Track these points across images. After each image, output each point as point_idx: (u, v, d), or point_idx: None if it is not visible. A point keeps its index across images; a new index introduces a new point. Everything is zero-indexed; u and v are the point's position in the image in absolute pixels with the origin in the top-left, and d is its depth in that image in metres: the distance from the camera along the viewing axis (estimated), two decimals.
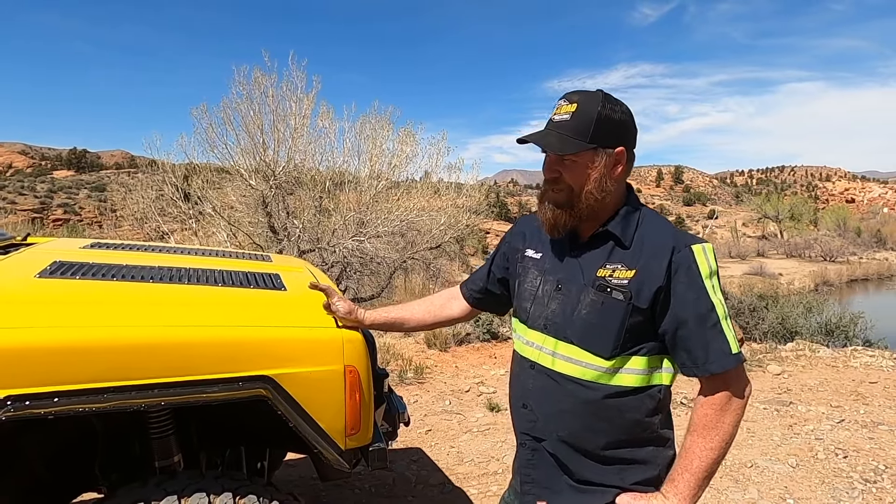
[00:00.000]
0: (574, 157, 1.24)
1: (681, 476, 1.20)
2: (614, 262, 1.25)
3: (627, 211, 1.30)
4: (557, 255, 1.35)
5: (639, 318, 1.21)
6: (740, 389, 1.21)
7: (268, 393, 1.50)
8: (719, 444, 1.19)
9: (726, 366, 1.18)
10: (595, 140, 1.22)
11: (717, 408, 1.20)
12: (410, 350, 6.60)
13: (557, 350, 1.29)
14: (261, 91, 9.08)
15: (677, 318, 1.19)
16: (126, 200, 13.04)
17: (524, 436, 1.37)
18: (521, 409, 1.37)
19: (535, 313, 1.35)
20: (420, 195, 10.67)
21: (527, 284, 1.40)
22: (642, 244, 1.25)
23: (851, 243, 39.19)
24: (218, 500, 1.45)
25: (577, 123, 1.22)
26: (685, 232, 1.30)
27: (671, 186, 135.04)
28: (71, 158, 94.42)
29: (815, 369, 6.02)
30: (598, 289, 1.23)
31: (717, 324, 1.18)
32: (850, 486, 3.35)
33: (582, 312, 1.25)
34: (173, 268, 1.94)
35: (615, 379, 1.24)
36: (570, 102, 1.24)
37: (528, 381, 1.35)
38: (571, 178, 1.25)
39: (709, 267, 1.20)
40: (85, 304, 1.49)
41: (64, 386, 1.32)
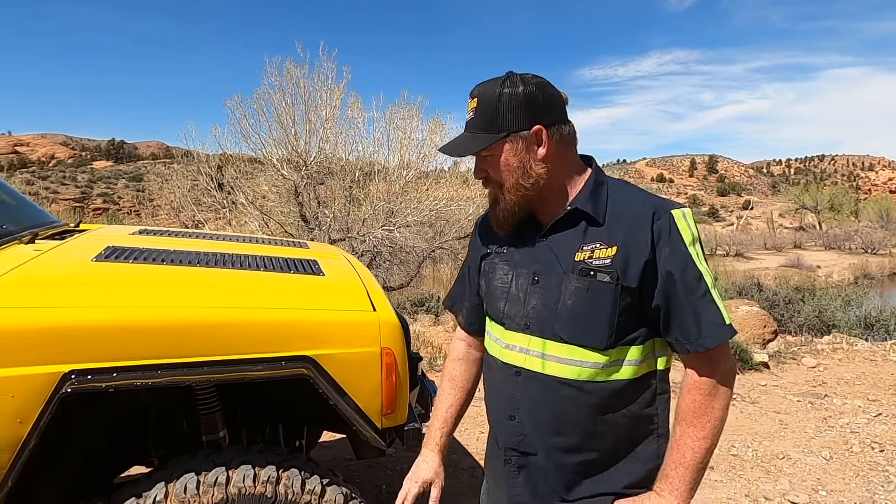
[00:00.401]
0: (486, 154, 1.17)
1: (675, 471, 1.10)
2: (591, 242, 1.13)
3: (594, 184, 1.18)
4: (526, 245, 1.22)
5: (629, 299, 1.10)
6: (728, 369, 1.12)
7: (309, 372, 1.58)
8: (711, 432, 1.10)
9: (721, 338, 1.08)
10: (504, 127, 1.13)
11: (705, 392, 1.10)
12: (440, 338, 6.68)
13: (547, 351, 1.16)
14: (293, 82, 9.22)
15: (667, 291, 1.09)
16: (162, 190, 13.41)
17: (510, 451, 1.22)
18: (506, 422, 1.22)
19: (511, 312, 1.21)
20: (449, 185, 10.72)
21: (496, 281, 1.26)
22: (617, 217, 1.14)
23: (894, 235, 37.84)
24: (263, 473, 1.54)
25: (480, 118, 1.16)
26: (659, 196, 1.19)
27: (705, 176, 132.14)
28: (109, 149, 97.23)
29: (852, 363, 5.89)
30: (581, 273, 1.11)
31: (707, 293, 1.09)
32: (887, 479, 3.30)
33: (567, 303, 1.13)
34: (217, 253, 2.03)
35: (614, 374, 1.13)
36: (472, 98, 1.18)
37: (515, 391, 1.20)
38: (496, 174, 1.18)
39: (691, 233, 1.11)
40: (139, 286, 1.59)
41: (122, 362, 1.42)
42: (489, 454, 1.33)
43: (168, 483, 1.48)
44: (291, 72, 9.13)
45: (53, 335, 1.37)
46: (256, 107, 9.34)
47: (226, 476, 1.50)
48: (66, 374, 1.37)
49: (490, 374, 1.31)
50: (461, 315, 1.47)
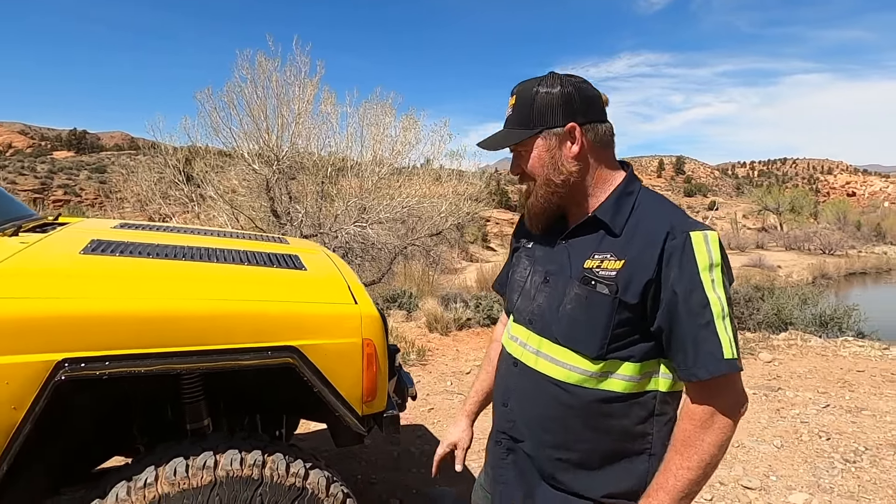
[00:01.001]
0: (523, 147, 1.21)
1: (656, 493, 1.08)
2: (603, 252, 1.14)
3: (621, 194, 1.18)
4: (548, 245, 1.27)
5: (627, 314, 1.09)
6: (729, 405, 1.06)
7: (294, 361, 1.66)
8: (697, 465, 1.05)
9: (714, 372, 1.03)
10: (538, 123, 1.17)
11: (696, 423, 1.06)
12: (413, 333, 6.77)
13: (541, 349, 1.20)
14: (265, 75, 9.15)
15: (669, 313, 1.06)
16: (128, 182, 13.12)
17: (501, 434, 1.30)
18: (501, 408, 1.30)
19: (520, 306, 1.29)
20: (422, 182, 10.79)
21: (517, 275, 1.33)
22: (635, 230, 1.13)
23: (851, 237, 39.32)
24: (249, 457, 1.61)
25: (517, 113, 1.19)
26: (688, 217, 1.14)
27: (672, 177, 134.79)
28: (71, 139, 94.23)
29: (805, 358, 6.20)
30: (583, 282, 1.13)
31: (711, 323, 1.03)
32: (831, 465, 3.53)
33: (567, 307, 1.15)
34: (201, 247, 2.09)
35: (603, 384, 1.13)
36: (512, 95, 1.22)
37: (510, 380, 1.28)
38: (529, 169, 1.21)
39: (709, 258, 1.05)
40: (129, 278, 1.65)
41: (114, 351, 1.48)
42: (489, 438, 1.42)
43: (158, 467, 1.54)
44: (263, 65, 9.07)
45: (46, 325, 1.42)
46: (227, 100, 9.25)
47: (214, 460, 1.57)
48: (59, 362, 1.41)
49: (499, 363, 1.41)
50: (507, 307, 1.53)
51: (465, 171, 11.75)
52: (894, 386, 5.13)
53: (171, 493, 1.49)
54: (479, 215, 15.37)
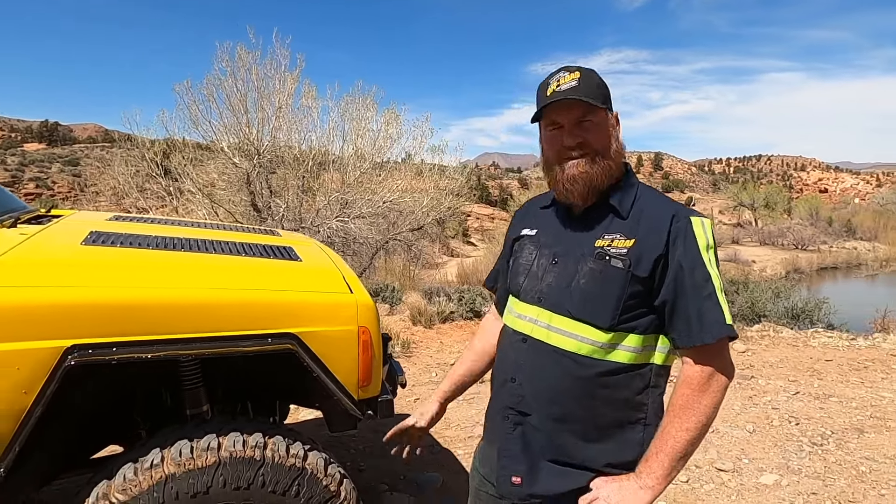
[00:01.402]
0: (593, 118, 1.26)
1: (655, 456, 1.18)
2: (612, 233, 1.25)
3: (626, 183, 1.31)
4: (554, 230, 1.36)
5: (638, 287, 1.20)
6: (722, 368, 1.19)
7: (294, 348, 1.73)
8: (695, 426, 1.16)
9: (720, 334, 1.16)
10: (605, 102, 1.27)
11: (695, 387, 1.18)
12: (397, 326, 6.85)
13: (552, 323, 1.27)
14: (245, 68, 9.11)
15: (675, 286, 1.19)
16: (103, 175, 12.90)
17: (508, 409, 1.34)
18: (508, 384, 1.34)
19: (527, 286, 1.35)
20: (403, 176, 10.83)
21: (522, 259, 1.40)
22: (640, 215, 1.26)
23: (823, 232, 40.23)
24: (251, 439, 1.68)
25: (587, 87, 1.24)
26: (683, 205, 1.32)
27: (651, 173, 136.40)
28: (42, 131, 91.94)
29: (777, 348, 6.42)
30: (597, 257, 1.23)
31: (713, 294, 1.17)
32: (800, 448, 3.71)
33: (580, 283, 1.24)
34: (198, 239, 2.14)
35: (610, 355, 1.23)
36: (572, 72, 1.27)
37: (519, 356, 1.33)
38: (595, 139, 1.26)
39: (706, 239, 1.21)
40: (133, 268, 1.71)
41: (121, 337, 1.54)
42: (488, 416, 1.47)
43: (163, 449, 1.61)
44: (243, 58, 9.02)
45: (55, 312, 1.47)
46: (207, 92, 9.19)
47: (217, 442, 1.64)
48: (68, 348, 1.47)
49: (502, 341, 1.45)
50: (495, 294, 1.64)
51: (447, 166, 11.80)
52: (860, 374, 5.36)
53: (177, 473, 1.56)
54: (460, 210, 15.46)
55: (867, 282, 25.48)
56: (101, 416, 2.00)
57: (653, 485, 1.17)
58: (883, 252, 32.39)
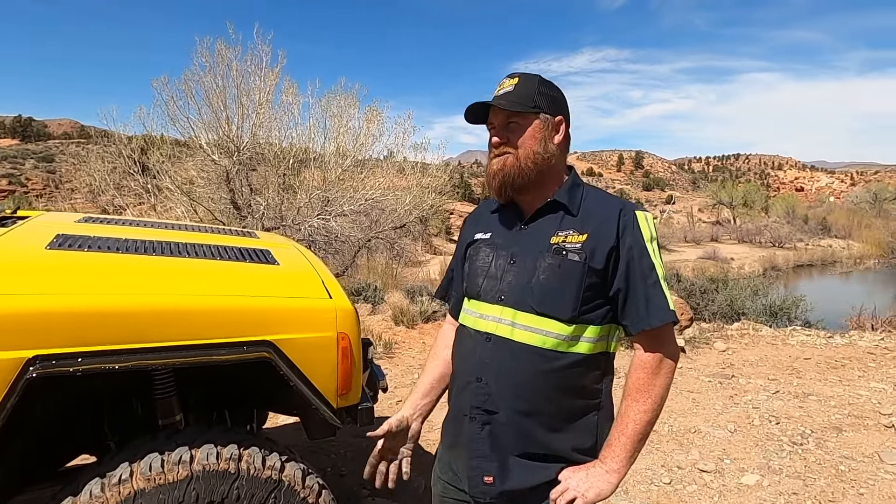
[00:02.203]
0: (519, 120, 1.34)
1: (617, 440, 1.26)
2: (566, 229, 1.32)
3: (573, 184, 1.39)
4: (508, 232, 1.41)
5: (594, 278, 1.27)
6: (671, 351, 1.29)
7: (270, 356, 1.67)
8: (651, 407, 1.26)
9: (663, 319, 1.26)
10: (538, 106, 1.34)
11: (648, 371, 1.27)
12: (379, 326, 6.78)
13: (517, 320, 1.31)
14: (224, 64, 8.94)
15: (627, 275, 1.27)
16: (78, 172, 12.62)
17: (475, 409, 1.35)
18: (473, 384, 1.35)
19: (487, 287, 1.38)
20: (385, 174, 10.74)
21: (478, 262, 1.42)
22: (590, 211, 1.34)
23: (799, 230, 40.96)
24: (225, 451, 1.62)
25: (519, 93, 1.34)
26: (628, 200, 1.40)
27: (631, 171, 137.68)
28: (15, 126, 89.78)
29: (756, 347, 6.48)
30: (555, 252, 1.29)
31: (658, 283, 1.27)
32: (780, 448, 3.73)
33: (541, 278, 1.29)
34: (171, 242, 2.07)
35: (573, 347, 1.29)
36: (512, 78, 1.37)
37: (484, 355, 1.35)
38: (518, 139, 1.34)
39: (650, 231, 1.30)
40: (99, 273, 1.63)
41: (87, 347, 1.46)
42: (447, 420, 1.46)
43: (132, 462, 1.53)
44: (223, 53, 8.86)
45: (16, 321, 1.39)
46: (185, 88, 9.00)
47: (189, 454, 1.57)
48: (30, 359, 1.39)
49: (461, 343, 1.45)
50: (450, 303, 1.63)
51: (429, 163, 11.73)
52: (837, 372, 5.43)
53: (147, 488, 1.49)
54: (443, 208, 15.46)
55: (842, 279, 25.99)
56: (67, 426, 1.92)
57: (618, 468, 1.25)
58: (857, 249, 33.07)
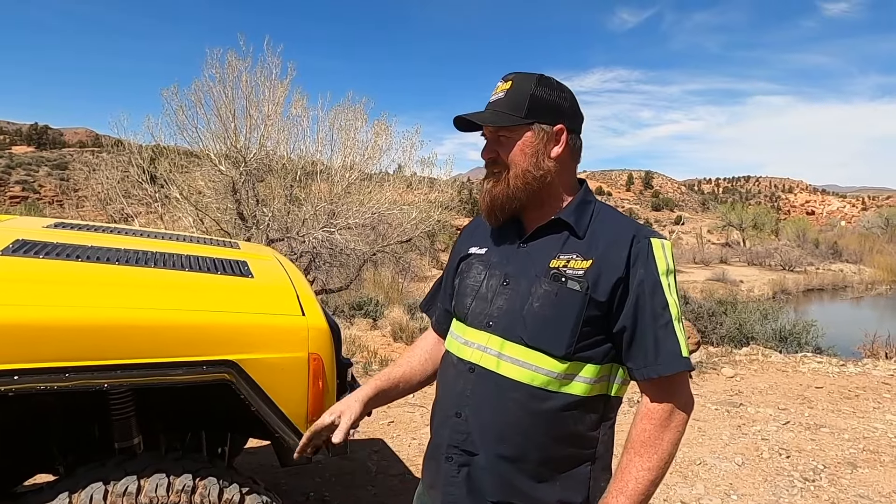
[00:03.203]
0: (507, 133, 1.19)
1: (615, 499, 1.08)
2: (568, 253, 1.15)
3: (581, 201, 1.22)
4: (505, 249, 1.25)
5: (595, 312, 1.11)
6: (683, 402, 1.12)
7: (231, 377, 1.52)
8: (657, 465, 1.08)
9: (675, 368, 1.08)
10: (530, 115, 1.17)
11: (657, 423, 1.10)
12: (377, 342, 6.64)
13: (504, 351, 1.16)
14: (234, 75, 8.94)
15: (635, 312, 1.10)
16: (89, 180, 12.68)
17: (452, 448, 1.20)
18: (452, 419, 1.21)
19: (475, 310, 1.23)
20: (392, 188, 10.66)
21: (469, 280, 1.28)
22: (598, 234, 1.17)
23: (809, 254, 40.57)
24: (178, 482, 1.47)
25: (510, 100, 1.18)
26: (643, 225, 1.23)
27: (641, 191, 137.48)
28: (32, 134, 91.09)
29: (766, 373, 6.26)
30: (552, 279, 1.13)
31: (670, 323, 1.10)
32: (791, 483, 3.52)
33: (534, 306, 1.13)
34: (139, 251, 1.94)
35: (565, 387, 1.13)
36: (506, 81, 1.21)
37: (466, 387, 1.20)
38: (507, 156, 1.20)
39: (666, 263, 1.13)
40: (47, 283, 1.49)
41: (25, 364, 1.32)
42: (427, 456, 1.31)
43: (73, 493, 1.39)
44: (233, 64, 8.86)
45: None
46: (194, 98, 8.99)
47: (137, 485, 1.42)
48: None
49: (444, 371, 1.31)
50: (433, 317, 1.49)
51: (437, 178, 11.65)
52: (851, 403, 5.21)
53: None
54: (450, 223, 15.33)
55: (853, 304, 25.60)
56: (13, 445, 1.77)
57: None
58: (868, 275, 32.68)
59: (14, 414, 1.70)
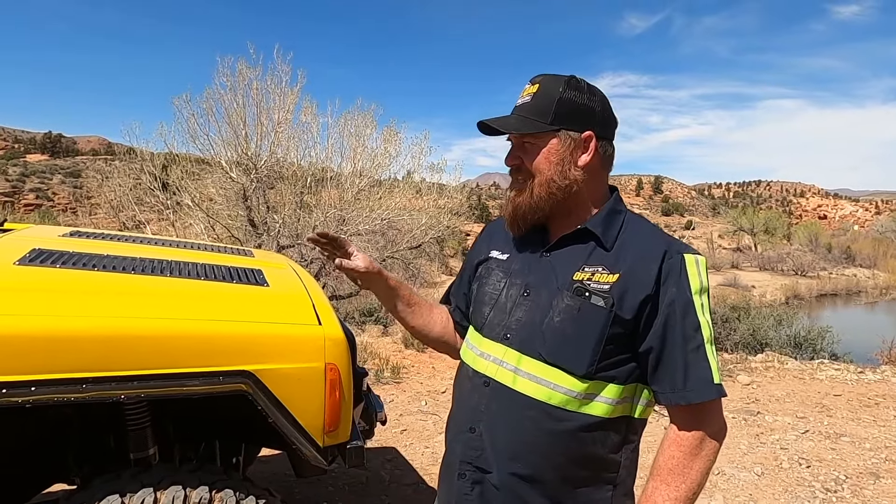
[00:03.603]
0: (532, 140, 1.14)
1: None
2: (594, 265, 1.10)
3: (610, 210, 1.16)
4: (527, 257, 1.20)
5: (620, 329, 1.05)
6: (715, 430, 1.06)
7: (248, 388, 1.51)
8: (685, 495, 1.02)
9: (705, 396, 1.03)
10: (557, 122, 1.11)
11: (686, 450, 1.04)
12: (388, 349, 6.61)
13: (521, 366, 1.11)
14: (245, 83, 9.02)
15: (664, 333, 1.04)
16: (102, 188, 12.80)
17: (466, 465, 1.16)
18: (466, 434, 1.16)
19: (493, 320, 1.18)
20: (402, 194, 10.67)
21: (488, 287, 1.23)
22: (627, 247, 1.11)
23: (822, 258, 40.15)
24: (194, 494, 1.45)
25: (537, 104, 1.13)
26: (677, 239, 1.17)
27: (650, 196, 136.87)
28: (45, 142, 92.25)
29: (782, 381, 6.16)
30: (576, 293, 1.07)
31: (702, 346, 1.04)
32: (812, 494, 3.45)
33: (554, 320, 1.08)
34: (154, 259, 1.93)
35: (585, 407, 1.07)
36: (533, 84, 1.16)
37: (480, 402, 1.15)
38: (531, 164, 1.14)
39: (700, 281, 1.06)
40: (65, 293, 1.48)
41: (42, 375, 1.31)
42: (442, 470, 1.28)
43: None
44: (244, 73, 8.94)
45: None
46: (206, 106, 9.09)
47: (153, 497, 1.41)
48: None
49: (460, 382, 1.27)
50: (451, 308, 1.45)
51: (446, 184, 11.65)
52: (871, 411, 5.11)
53: None
54: (459, 229, 15.32)
55: (867, 309, 25.28)
56: (29, 457, 1.76)
57: None
58: (883, 279, 32.28)
59: (31, 424, 1.69)
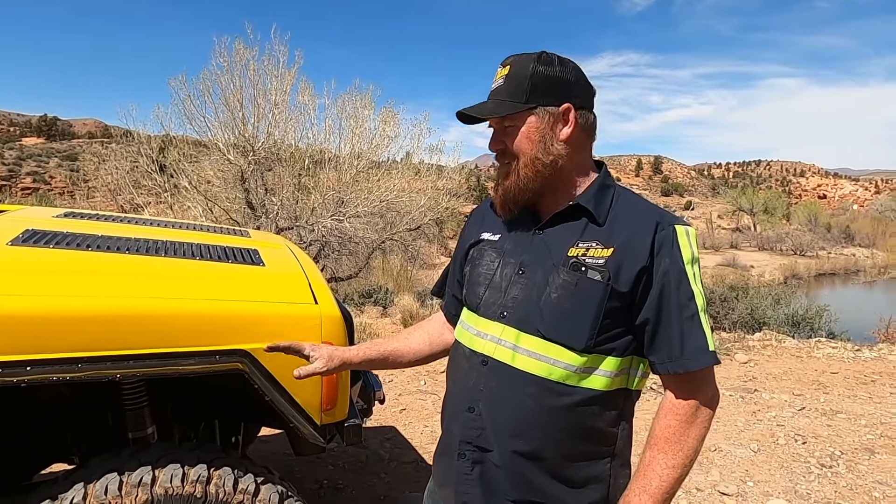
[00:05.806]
0: (512, 121, 1.14)
1: (637, 498, 1.05)
2: (588, 241, 1.10)
3: (601, 185, 1.16)
4: (519, 236, 1.20)
5: (616, 303, 1.06)
6: (709, 397, 1.08)
7: (245, 367, 1.50)
8: (682, 462, 1.05)
9: (702, 364, 1.05)
10: (532, 99, 1.11)
11: (682, 419, 1.06)
12: (387, 330, 6.64)
13: (520, 343, 1.11)
14: (242, 64, 8.93)
15: (659, 303, 1.06)
16: (99, 171, 12.74)
17: (465, 445, 1.16)
18: (465, 414, 1.16)
19: (489, 299, 1.18)
20: (400, 176, 10.62)
21: (482, 268, 1.23)
22: (620, 220, 1.11)
23: (821, 238, 40.21)
24: (192, 472, 1.46)
25: (509, 87, 1.13)
26: (667, 210, 1.18)
27: (650, 176, 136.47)
28: (41, 126, 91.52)
29: (780, 359, 6.21)
30: (572, 268, 1.08)
31: (696, 315, 1.05)
32: (808, 470, 3.49)
33: (552, 297, 1.09)
34: (149, 240, 1.92)
35: (584, 381, 1.08)
36: (504, 66, 1.15)
37: (479, 381, 1.16)
38: (514, 145, 1.14)
39: (691, 252, 1.08)
40: (58, 273, 1.47)
41: (37, 355, 1.31)
42: (438, 452, 1.28)
43: (88, 483, 1.38)
44: (241, 53, 8.84)
45: None
46: (202, 87, 9.01)
47: (151, 476, 1.41)
48: None
49: (455, 363, 1.27)
50: (443, 301, 1.46)
51: (445, 166, 11.59)
52: (867, 388, 5.15)
53: None
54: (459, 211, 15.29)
55: (866, 288, 25.38)
56: (28, 436, 1.77)
57: None
58: (881, 259, 32.36)
59: (28, 404, 1.69)
